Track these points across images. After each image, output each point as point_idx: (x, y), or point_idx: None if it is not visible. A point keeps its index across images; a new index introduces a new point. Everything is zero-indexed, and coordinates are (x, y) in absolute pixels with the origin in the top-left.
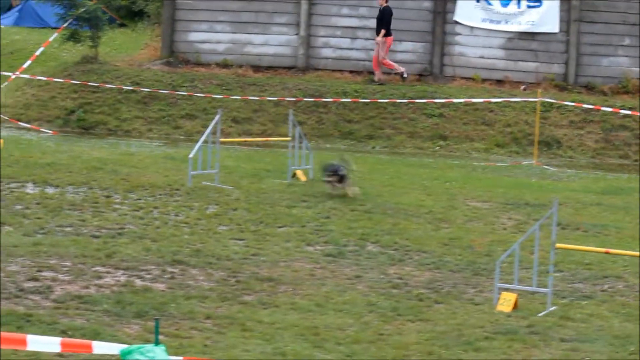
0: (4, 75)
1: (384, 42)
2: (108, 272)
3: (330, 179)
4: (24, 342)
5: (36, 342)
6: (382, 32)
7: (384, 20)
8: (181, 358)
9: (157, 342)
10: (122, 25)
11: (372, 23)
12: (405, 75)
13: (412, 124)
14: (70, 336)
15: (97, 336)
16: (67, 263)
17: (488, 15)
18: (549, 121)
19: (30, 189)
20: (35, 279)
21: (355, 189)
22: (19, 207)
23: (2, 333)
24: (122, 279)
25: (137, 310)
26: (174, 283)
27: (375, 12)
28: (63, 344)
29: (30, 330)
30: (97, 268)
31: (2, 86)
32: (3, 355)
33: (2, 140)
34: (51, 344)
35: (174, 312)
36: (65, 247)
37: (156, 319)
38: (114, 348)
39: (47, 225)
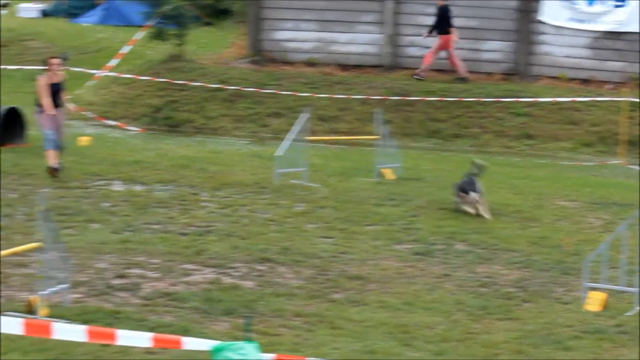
0: (90, 73)
1: (443, 40)
2: (196, 270)
3: (459, 198)
4: (113, 337)
5: (126, 337)
6: (451, 30)
7: (444, 18)
8: (273, 355)
9: (248, 339)
10: (207, 23)
11: (458, 22)
12: (464, 76)
13: (499, 123)
14: (159, 333)
15: (185, 333)
16: (155, 260)
17: (574, 14)
18: (635, 121)
19: (117, 186)
20: (123, 276)
21: (488, 215)
22: (106, 204)
23: (91, 327)
24: (211, 276)
25: (226, 307)
26: (263, 280)
27: (462, 11)
28: (154, 339)
29: (119, 327)
30: (186, 265)
31: (88, 84)
32: (91, 351)
33: (90, 138)
34: (142, 338)
35: (262, 310)
36: (154, 245)
37: (248, 317)
38: (204, 344)
39: (135, 223)
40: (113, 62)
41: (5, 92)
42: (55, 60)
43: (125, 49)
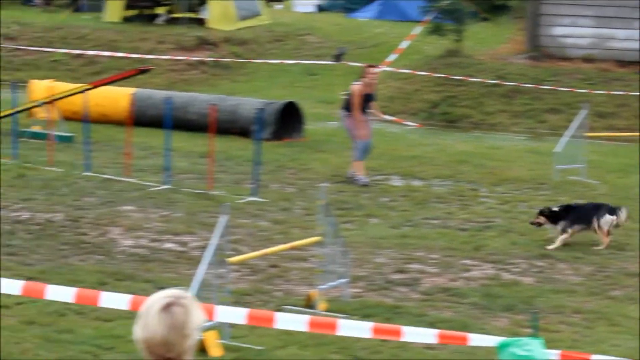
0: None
1: None
2: (475, 265)
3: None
4: (398, 333)
5: (412, 334)
6: None
7: None
8: (558, 352)
9: (534, 336)
10: (484, 19)
11: None
12: None
13: None
14: (438, 328)
15: (465, 328)
16: (434, 256)
17: None
18: None
19: (396, 181)
20: (402, 271)
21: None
22: (385, 199)
23: (376, 325)
24: (490, 272)
25: (506, 303)
26: (542, 277)
27: None
28: (440, 336)
29: (399, 322)
30: (465, 261)
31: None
32: (370, 346)
33: None
34: (427, 335)
35: (542, 306)
36: (432, 240)
37: (534, 312)
38: (490, 340)
39: (414, 218)
40: (391, 58)
41: (282, 86)
42: (372, 70)
43: (403, 44)
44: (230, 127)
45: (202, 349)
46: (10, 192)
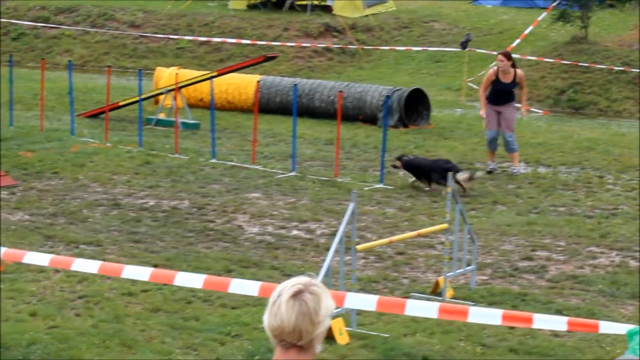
0: (492, 55)
1: None
2: (602, 253)
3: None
4: (530, 321)
5: (542, 321)
6: None
7: None
8: None
9: None
10: (610, 5)
11: None
12: None
13: None
14: (565, 316)
15: (592, 316)
16: (561, 243)
17: None
18: None
19: (522, 168)
20: (529, 259)
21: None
22: (511, 186)
23: (506, 312)
24: (617, 259)
25: (632, 291)
26: None
27: None
28: (569, 323)
29: (526, 309)
30: (591, 248)
31: (492, 66)
32: (498, 333)
33: None
34: (558, 322)
35: None
36: (559, 227)
37: None
38: (620, 328)
39: (540, 205)
40: (515, 44)
41: (408, 73)
42: (501, 57)
43: (528, 31)
44: (357, 114)
45: (328, 337)
46: (136, 179)
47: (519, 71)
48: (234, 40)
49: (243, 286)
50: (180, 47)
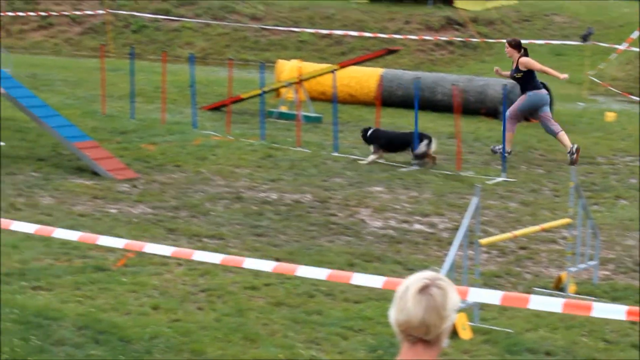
0: (612, 47)
1: None
2: None
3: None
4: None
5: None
6: None
7: None
8: None
9: None
10: None
11: None
12: None
13: None
14: None
15: None
16: None
17: None
18: None
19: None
20: None
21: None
22: (634, 181)
23: (631, 307)
24: None
25: None
26: None
27: None
28: (628, 313)
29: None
30: None
31: (612, 58)
32: (619, 329)
33: (615, 114)
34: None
35: None
36: None
37: None
38: None
39: None
40: (635, 35)
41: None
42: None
43: None
44: (478, 107)
45: (452, 331)
46: (258, 172)
47: (522, 59)
48: (355, 33)
49: (366, 280)
50: (302, 40)
